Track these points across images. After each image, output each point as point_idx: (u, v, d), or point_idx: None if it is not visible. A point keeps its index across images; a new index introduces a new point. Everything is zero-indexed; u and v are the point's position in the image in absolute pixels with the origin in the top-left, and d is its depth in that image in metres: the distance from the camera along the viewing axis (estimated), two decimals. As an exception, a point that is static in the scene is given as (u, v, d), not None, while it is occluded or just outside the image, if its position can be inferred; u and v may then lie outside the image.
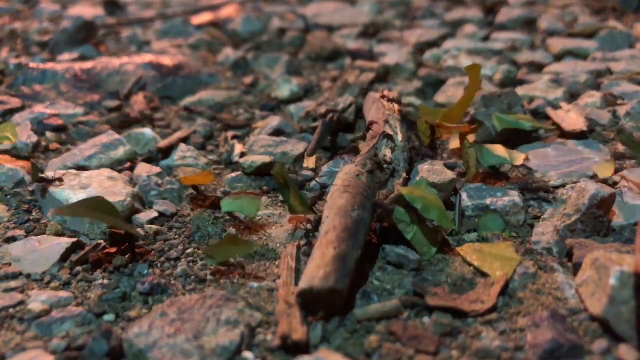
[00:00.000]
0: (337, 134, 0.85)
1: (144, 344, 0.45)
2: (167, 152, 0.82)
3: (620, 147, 0.76)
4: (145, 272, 0.57)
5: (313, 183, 0.73)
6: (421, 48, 1.27)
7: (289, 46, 1.31)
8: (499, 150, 0.72)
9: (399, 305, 0.50)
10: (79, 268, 0.57)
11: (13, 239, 0.62)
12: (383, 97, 0.81)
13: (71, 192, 0.66)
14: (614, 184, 0.67)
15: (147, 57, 1.12)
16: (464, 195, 0.65)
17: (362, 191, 0.57)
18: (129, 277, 0.56)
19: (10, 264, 0.58)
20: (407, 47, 1.26)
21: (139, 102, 0.98)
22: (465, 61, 1.12)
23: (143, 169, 0.74)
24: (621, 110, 0.85)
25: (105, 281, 0.55)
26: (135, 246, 0.60)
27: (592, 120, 0.84)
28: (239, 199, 0.64)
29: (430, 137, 0.77)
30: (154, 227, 0.64)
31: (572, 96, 0.94)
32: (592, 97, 0.90)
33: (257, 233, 0.63)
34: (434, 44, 1.30)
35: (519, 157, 0.72)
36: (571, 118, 0.83)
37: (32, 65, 1.08)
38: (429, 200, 0.57)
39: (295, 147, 0.81)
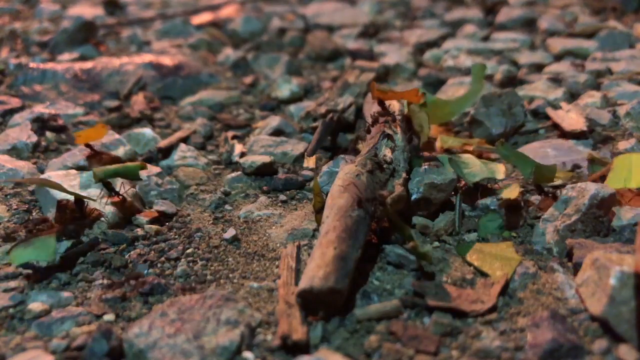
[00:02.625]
0: (337, 134, 0.85)
1: (144, 344, 0.45)
2: (167, 152, 0.82)
3: (620, 147, 0.76)
4: (145, 272, 0.57)
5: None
6: (421, 48, 1.27)
7: (289, 46, 1.31)
8: (473, 162, 0.67)
9: (399, 305, 0.50)
10: (78, 268, 0.57)
11: (13, 239, 0.62)
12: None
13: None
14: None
15: (147, 57, 1.12)
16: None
17: (362, 191, 0.57)
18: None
19: (10, 264, 0.58)
20: (407, 47, 1.26)
21: (139, 102, 0.98)
22: (466, 61, 1.12)
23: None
24: (621, 110, 0.85)
25: (105, 281, 0.55)
26: (84, 211, 0.61)
27: (592, 120, 0.84)
28: (29, 246, 0.56)
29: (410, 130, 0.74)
30: (154, 227, 0.64)
31: (572, 96, 0.94)
32: (592, 97, 0.90)
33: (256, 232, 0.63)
34: (434, 44, 1.30)
35: (499, 170, 0.67)
36: (571, 118, 0.83)
37: (32, 65, 1.08)
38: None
39: (295, 147, 0.81)
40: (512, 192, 0.63)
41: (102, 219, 0.62)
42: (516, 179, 0.70)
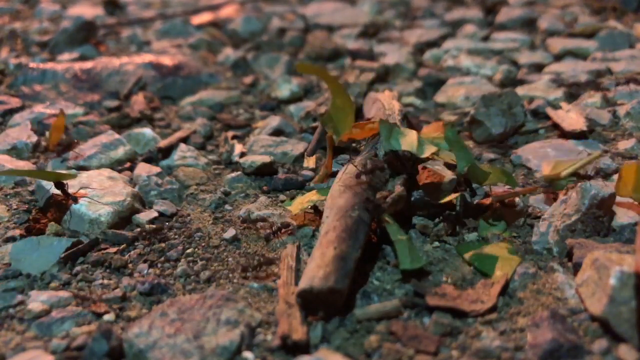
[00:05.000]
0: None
1: (144, 344, 0.45)
2: (167, 152, 0.82)
3: (620, 147, 0.76)
4: (145, 272, 0.57)
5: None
6: (421, 48, 1.27)
7: (289, 46, 1.31)
8: (411, 136, 0.64)
9: (399, 305, 0.50)
10: (78, 268, 0.57)
11: (13, 239, 0.62)
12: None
13: (71, 191, 0.66)
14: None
15: (147, 57, 1.12)
16: (465, 195, 0.65)
17: (362, 191, 0.57)
18: (129, 277, 0.56)
19: (10, 264, 0.58)
20: (407, 47, 1.26)
21: (139, 102, 0.98)
22: (465, 61, 1.12)
23: (143, 169, 0.75)
24: (621, 110, 0.85)
25: (105, 281, 0.55)
26: (67, 192, 0.64)
27: (592, 120, 0.84)
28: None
29: None
30: (154, 227, 0.64)
31: (572, 96, 0.94)
32: (592, 97, 0.90)
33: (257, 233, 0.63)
34: (434, 43, 1.30)
35: (428, 149, 0.63)
36: (571, 118, 0.83)
37: (32, 65, 1.08)
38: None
39: (295, 147, 0.81)
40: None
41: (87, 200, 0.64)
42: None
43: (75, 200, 0.64)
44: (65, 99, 1.00)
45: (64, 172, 0.65)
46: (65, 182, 0.64)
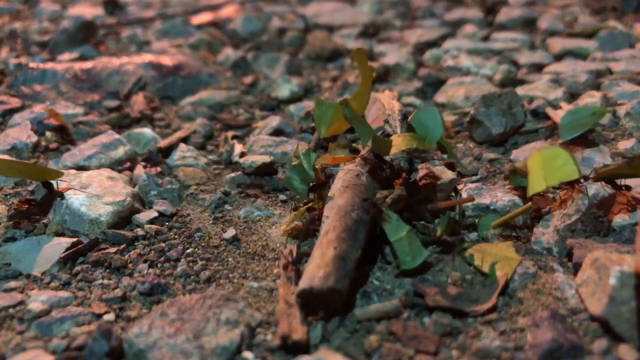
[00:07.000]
0: (337, 134, 0.85)
1: (144, 344, 0.45)
2: (167, 152, 0.82)
3: (620, 147, 0.76)
4: (145, 272, 0.57)
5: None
6: (421, 48, 1.27)
7: (289, 46, 1.31)
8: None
9: (399, 305, 0.50)
10: (78, 268, 0.57)
11: (13, 239, 0.62)
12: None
13: (70, 192, 0.66)
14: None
15: (147, 57, 1.12)
16: (464, 195, 0.65)
17: (362, 191, 0.57)
18: (129, 277, 0.56)
19: (10, 264, 0.58)
20: (407, 47, 1.26)
21: (139, 102, 0.98)
22: (465, 61, 1.12)
23: (143, 169, 0.74)
24: (621, 110, 0.85)
25: (105, 281, 0.55)
26: (52, 189, 0.65)
27: (592, 120, 0.83)
28: None
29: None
30: (154, 227, 0.64)
31: (572, 96, 0.94)
32: (592, 97, 0.90)
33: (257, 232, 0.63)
34: (434, 43, 1.30)
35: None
36: (571, 118, 0.83)
37: (32, 65, 1.08)
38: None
39: (295, 147, 0.81)
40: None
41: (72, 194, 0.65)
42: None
43: (61, 196, 0.64)
44: (65, 99, 1.00)
45: (51, 169, 0.65)
46: (53, 181, 0.65)
